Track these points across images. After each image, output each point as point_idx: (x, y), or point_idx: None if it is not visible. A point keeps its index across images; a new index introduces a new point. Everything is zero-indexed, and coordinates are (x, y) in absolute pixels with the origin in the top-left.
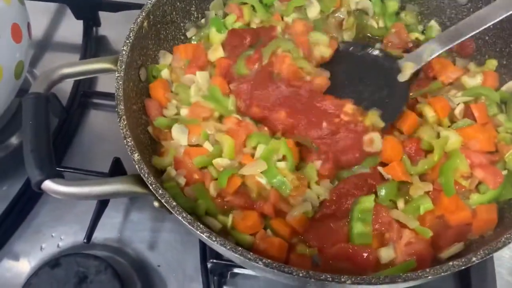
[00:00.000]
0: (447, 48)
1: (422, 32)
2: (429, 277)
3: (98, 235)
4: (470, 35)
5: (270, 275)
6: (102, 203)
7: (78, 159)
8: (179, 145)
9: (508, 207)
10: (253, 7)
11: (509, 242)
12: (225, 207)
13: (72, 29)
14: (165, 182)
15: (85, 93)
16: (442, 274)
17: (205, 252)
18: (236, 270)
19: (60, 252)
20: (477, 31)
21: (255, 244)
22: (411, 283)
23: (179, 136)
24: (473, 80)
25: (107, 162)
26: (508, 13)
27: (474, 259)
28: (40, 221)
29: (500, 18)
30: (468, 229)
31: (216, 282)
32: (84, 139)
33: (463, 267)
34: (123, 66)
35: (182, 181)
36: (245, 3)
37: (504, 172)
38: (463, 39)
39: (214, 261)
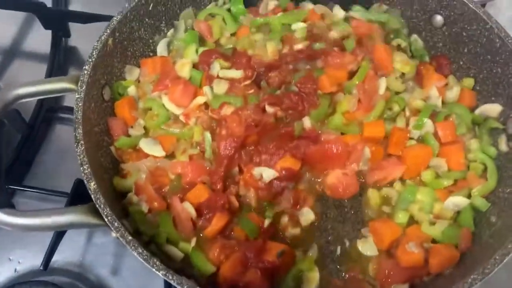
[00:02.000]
0: None
1: None
2: None
3: (59, 258)
4: None
5: None
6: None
7: (41, 177)
8: (140, 169)
9: (478, 240)
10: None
11: (476, 283)
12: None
13: (40, 39)
14: (128, 206)
15: (50, 108)
16: None
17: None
18: None
19: (17, 277)
20: None
21: (219, 273)
22: None
23: (151, 150)
24: (450, 92)
25: (71, 181)
26: None
27: None
28: None
29: None
30: (423, 269)
31: None
32: (49, 156)
33: None
34: (84, 87)
35: (145, 208)
36: (213, 16)
37: (467, 202)
38: None
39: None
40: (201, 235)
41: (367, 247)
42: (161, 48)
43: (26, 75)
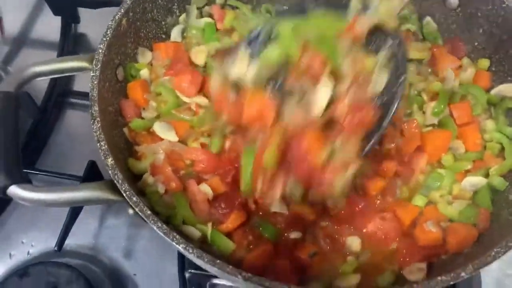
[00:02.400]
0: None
1: None
2: None
3: (71, 242)
4: None
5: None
6: (75, 209)
7: (53, 161)
8: (156, 151)
9: (496, 218)
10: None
11: (499, 256)
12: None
13: (49, 25)
14: (143, 187)
15: (61, 92)
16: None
17: (184, 261)
18: (215, 281)
19: (30, 259)
20: None
21: (237, 252)
22: None
23: (165, 134)
24: (464, 74)
25: (83, 165)
26: None
27: (463, 273)
28: (9, 227)
29: None
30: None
31: None
32: (60, 140)
33: (451, 282)
34: (99, 65)
35: (161, 188)
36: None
37: (484, 182)
38: None
39: (193, 271)
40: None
41: None
42: (175, 34)
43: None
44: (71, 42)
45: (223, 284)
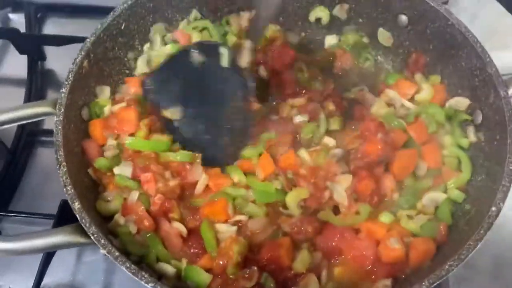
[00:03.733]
0: None
1: None
2: None
3: (50, 281)
4: None
5: None
6: (49, 252)
7: (26, 201)
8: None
9: (454, 228)
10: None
11: (453, 269)
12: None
13: (16, 64)
14: (114, 229)
15: (31, 131)
16: None
17: None
18: None
19: None
20: None
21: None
22: None
23: (123, 172)
24: (423, 93)
25: (57, 203)
26: None
27: None
28: None
29: None
30: (404, 264)
31: None
32: (32, 180)
33: None
34: (62, 110)
35: (133, 228)
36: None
37: (444, 196)
38: None
39: None
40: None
41: None
42: (141, 65)
43: (4, 101)
44: (38, 79)
45: None
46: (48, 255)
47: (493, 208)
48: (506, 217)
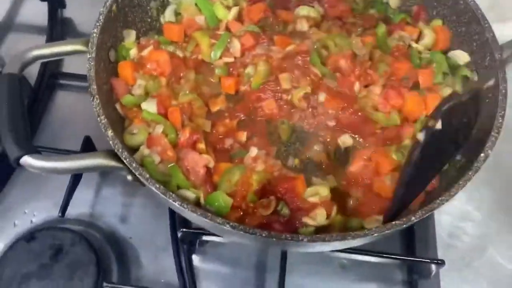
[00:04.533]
0: None
1: None
2: (375, 235)
3: (71, 211)
4: None
5: (237, 238)
6: (76, 178)
7: (47, 139)
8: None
9: (445, 176)
10: None
11: (443, 203)
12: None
13: (36, 11)
14: (139, 159)
15: (52, 74)
16: (386, 231)
17: (175, 223)
18: (204, 238)
19: (33, 227)
20: None
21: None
22: (360, 241)
23: (149, 108)
24: (426, 39)
25: (76, 142)
26: None
27: (413, 218)
28: (12, 199)
29: None
30: None
31: (186, 250)
32: (53, 120)
33: (404, 226)
34: (94, 48)
35: (156, 158)
36: None
37: None
38: None
39: (184, 230)
40: None
41: None
42: (168, 14)
43: (24, 46)
44: (58, 27)
45: (211, 241)
46: (73, 184)
47: (482, 154)
48: None
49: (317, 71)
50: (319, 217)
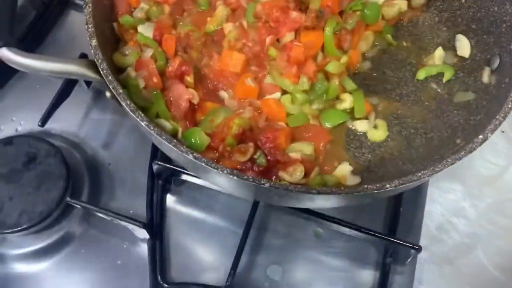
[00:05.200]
0: None
1: None
2: (342, 194)
3: (56, 126)
4: None
5: (202, 173)
6: (64, 90)
7: (49, 53)
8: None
9: (439, 158)
10: None
11: (424, 178)
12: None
13: None
14: (124, 80)
15: None
16: (355, 194)
17: (156, 156)
18: (182, 177)
19: (17, 134)
20: None
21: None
22: (324, 198)
23: (145, 31)
24: None
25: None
26: None
27: (388, 186)
28: (2, 105)
29: None
30: None
31: (161, 187)
32: (59, 37)
33: (375, 191)
34: None
35: (141, 82)
36: None
37: None
38: None
39: (161, 163)
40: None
41: None
42: None
43: None
44: None
45: (188, 182)
46: (59, 97)
47: (480, 136)
48: None
49: None
50: (297, 173)
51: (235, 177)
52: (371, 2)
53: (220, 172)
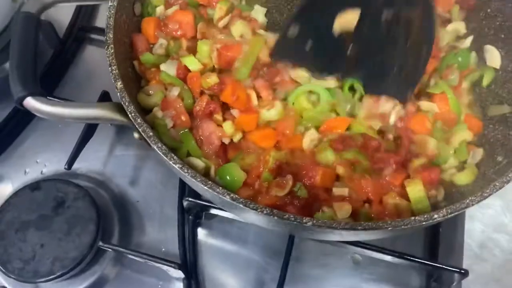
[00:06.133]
0: None
1: None
2: (389, 229)
3: (81, 166)
4: None
5: (239, 215)
6: (88, 131)
7: (69, 92)
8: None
9: (482, 177)
10: None
11: (473, 204)
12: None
13: None
14: (151, 121)
15: (83, 26)
16: (403, 227)
17: (184, 192)
18: (211, 211)
19: (43, 177)
20: None
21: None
22: (372, 235)
23: (169, 70)
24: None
25: (97, 97)
26: None
27: (436, 216)
28: (26, 146)
29: None
30: None
31: (191, 222)
32: (77, 73)
33: (424, 223)
34: None
35: (169, 122)
36: None
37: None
38: None
39: (190, 199)
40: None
41: None
42: None
43: None
44: None
45: (219, 216)
46: (83, 138)
47: None
48: None
49: None
50: (343, 212)
51: (275, 217)
52: (460, 49)
53: (259, 212)
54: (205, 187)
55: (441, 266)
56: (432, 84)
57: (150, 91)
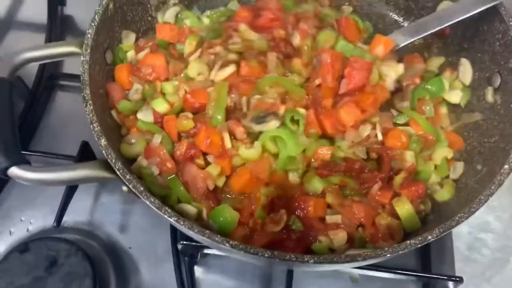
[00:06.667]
0: (413, 40)
1: None
2: (388, 255)
3: (68, 219)
4: (436, 29)
5: (239, 257)
6: (72, 186)
7: (46, 142)
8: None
9: (464, 186)
10: None
11: (462, 221)
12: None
13: (36, 8)
14: (137, 170)
15: (51, 75)
16: (400, 252)
17: (176, 234)
18: (206, 251)
19: (29, 236)
20: (444, 25)
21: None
22: (371, 261)
23: (145, 117)
24: None
25: (75, 145)
26: (475, 11)
27: (429, 237)
28: (8, 205)
29: (467, 15)
30: None
31: (187, 262)
32: (52, 122)
33: (419, 245)
34: (88, 50)
35: (155, 170)
36: None
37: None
38: (428, 32)
39: (185, 242)
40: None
41: None
42: (168, 15)
43: (24, 45)
44: (58, 24)
45: (214, 254)
46: (69, 193)
47: (506, 166)
48: None
49: None
50: (339, 239)
51: (277, 259)
52: (432, 80)
53: (261, 255)
54: (204, 237)
55: (436, 276)
56: (395, 114)
57: (132, 140)
